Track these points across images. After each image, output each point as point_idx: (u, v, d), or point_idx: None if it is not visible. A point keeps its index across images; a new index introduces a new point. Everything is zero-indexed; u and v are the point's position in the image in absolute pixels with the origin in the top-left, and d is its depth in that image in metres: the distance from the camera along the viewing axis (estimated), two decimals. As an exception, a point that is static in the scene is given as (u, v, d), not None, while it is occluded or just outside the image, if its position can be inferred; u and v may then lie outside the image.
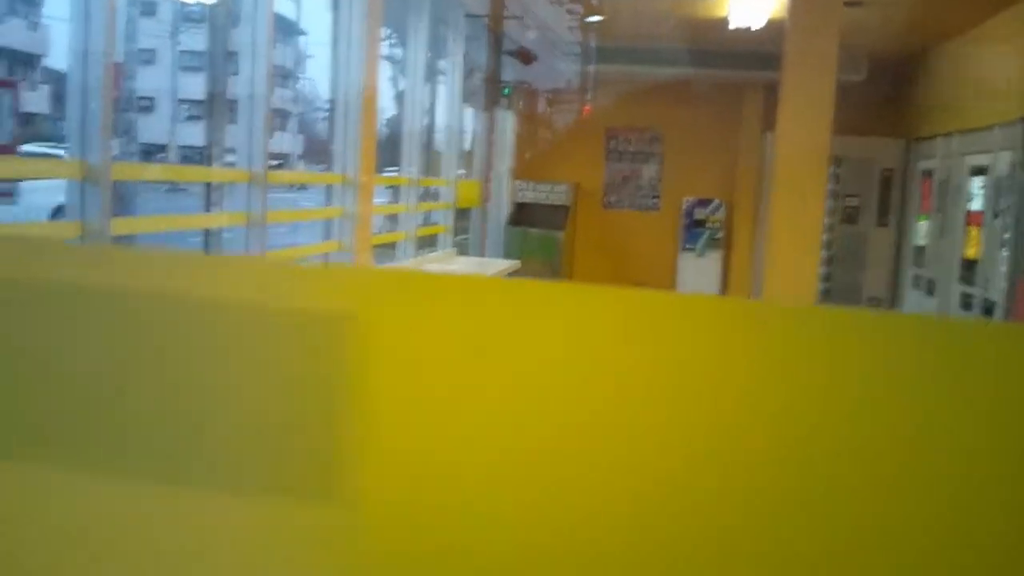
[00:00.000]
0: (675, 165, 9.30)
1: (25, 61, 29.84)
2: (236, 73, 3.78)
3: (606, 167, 9.48)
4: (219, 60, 3.95)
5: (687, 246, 9.03)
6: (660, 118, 9.29)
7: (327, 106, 5.39)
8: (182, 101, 24.56)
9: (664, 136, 9.33)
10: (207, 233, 3.66)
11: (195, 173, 5.13)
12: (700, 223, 8.99)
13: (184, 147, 20.32)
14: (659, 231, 9.26)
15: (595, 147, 9.47)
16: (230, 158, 3.85)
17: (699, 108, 9.15)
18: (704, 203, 9.00)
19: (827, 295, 8.08)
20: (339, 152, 4.85)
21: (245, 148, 3.82)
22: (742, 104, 8.84)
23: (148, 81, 22.23)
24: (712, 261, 8.96)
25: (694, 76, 8.38)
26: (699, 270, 8.98)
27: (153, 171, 5.80)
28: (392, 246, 6.01)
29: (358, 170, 4.80)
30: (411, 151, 6.10)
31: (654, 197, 9.40)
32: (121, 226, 2.95)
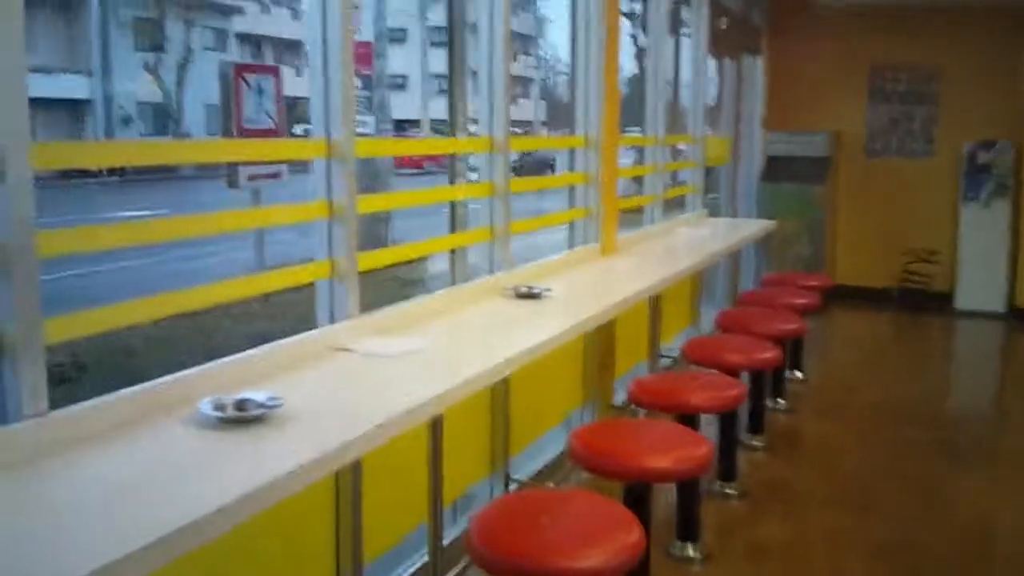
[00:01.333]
0: (952, 104, 8.28)
1: (290, 47, 32.22)
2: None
3: (870, 110, 8.63)
4: (458, 31, 3.83)
5: (969, 195, 8.03)
6: (934, 51, 8.29)
7: (567, 69, 5.17)
8: (435, 76, 25.48)
9: (939, 72, 8.33)
10: (452, 206, 3.57)
11: (436, 145, 5.10)
12: (984, 168, 7.96)
13: (436, 120, 21.04)
14: (934, 180, 8.31)
15: (858, 89, 8.63)
16: (473, 128, 3.74)
17: (980, 37, 8.07)
18: (988, 146, 7.95)
19: None
20: (581, 114, 4.63)
21: (486, 117, 3.70)
22: (1032, 29, 7.70)
23: (400, 59, 23.24)
24: (999, 211, 7.91)
25: (973, 3, 7.37)
26: (984, 223, 7.96)
27: (394, 146, 5.86)
28: (639, 210, 5.73)
29: (600, 131, 4.56)
30: (655, 108, 5.77)
31: (928, 141, 8.44)
32: (366, 204, 2.90)
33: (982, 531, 3.78)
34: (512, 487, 3.50)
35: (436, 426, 2.74)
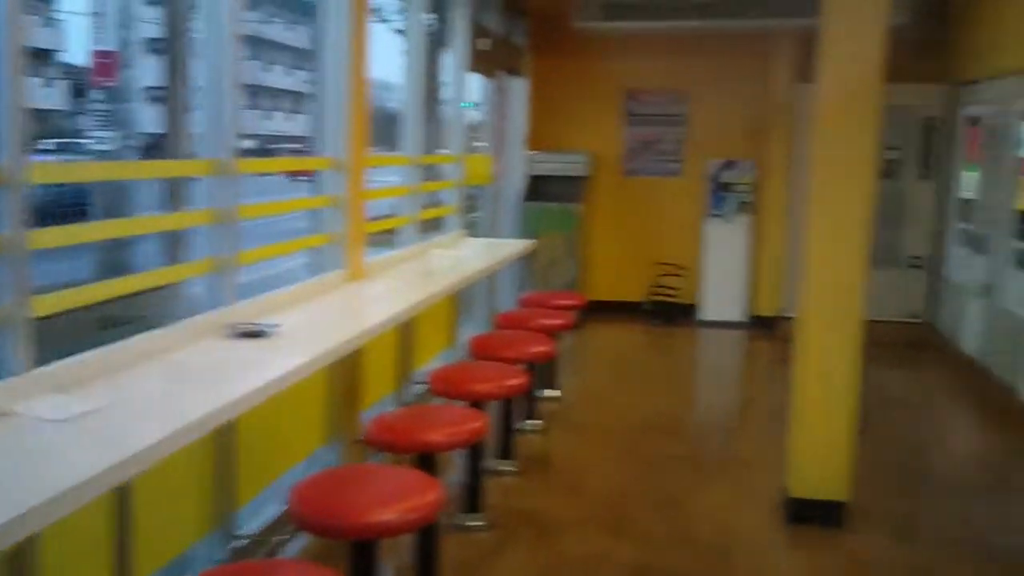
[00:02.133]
0: (700, 126, 8.75)
1: (40, 56, 29.64)
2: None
3: (626, 132, 8.97)
4: (179, 41, 3.50)
5: (714, 212, 8.50)
6: (684, 76, 8.74)
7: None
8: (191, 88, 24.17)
9: (688, 95, 8.78)
10: (170, 236, 3.24)
11: (145, 168, 4.69)
12: (727, 187, 8.45)
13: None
14: (684, 197, 8.74)
15: (614, 111, 8.95)
16: (247, 144, 3.39)
17: (725, 63, 8.59)
18: (731, 165, 8.46)
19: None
20: (329, 130, 4.40)
21: (211, 134, 3.38)
22: (770, 57, 8.27)
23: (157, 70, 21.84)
24: (741, 226, 8.43)
25: (720, 29, 7.80)
26: (727, 237, 8.46)
27: (84, 170, 5.18)
28: (393, 232, 5.57)
29: (346, 151, 4.35)
30: (413, 127, 5.64)
31: (678, 161, 8.87)
32: (42, 238, 2.52)
33: (724, 547, 3.90)
34: (239, 543, 3.21)
35: (123, 497, 2.42)
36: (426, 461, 3.20)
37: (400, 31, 7.24)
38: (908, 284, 7.99)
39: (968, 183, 7.27)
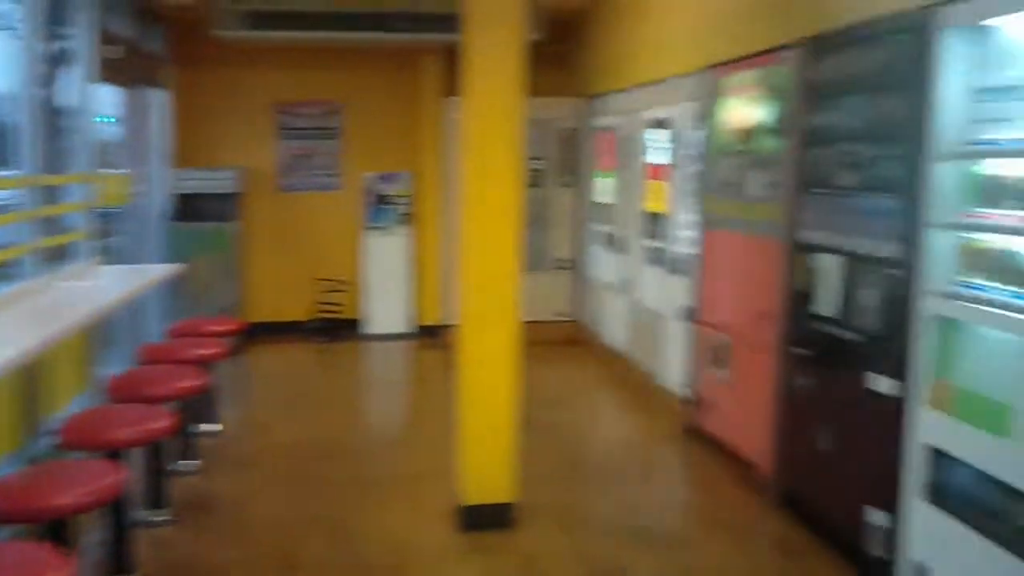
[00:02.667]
0: (355, 139, 8.69)
1: None
2: None
3: (280, 145, 8.67)
4: None
5: (374, 225, 8.48)
6: (335, 89, 8.63)
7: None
8: None
9: (341, 108, 8.67)
10: None
11: None
12: (385, 199, 8.46)
13: None
14: (343, 211, 8.63)
15: (266, 124, 8.62)
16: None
17: (377, 77, 8.60)
18: (388, 177, 8.48)
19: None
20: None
21: None
22: (420, 70, 8.39)
23: None
24: (401, 238, 8.48)
25: (370, 41, 7.77)
26: (388, 249, 8.47)
27: None
28: (8, 265, 4.87)
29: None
30: (31, 141, 4.96)
31: (334, 175, 8.74)
32: None
33: (399, 567, 3.82)
34: None
35: None
36: (57, 529, 2.77)
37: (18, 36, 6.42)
38: (557, 285, 8.49)
39: (603, 188, 7.87)
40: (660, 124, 6.42)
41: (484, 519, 4.14)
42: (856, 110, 3.83)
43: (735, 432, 5.04)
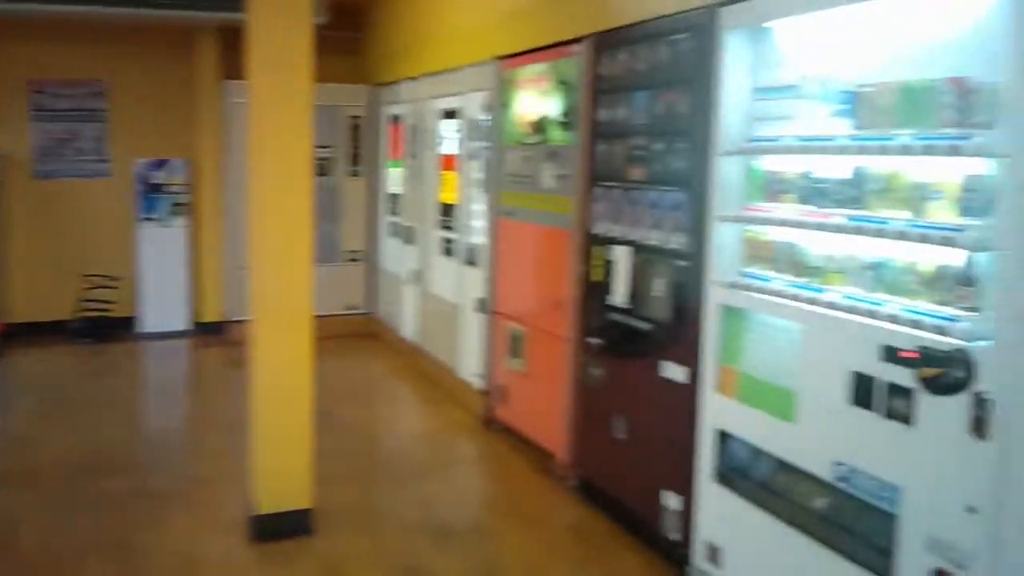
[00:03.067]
0: (124, 122, 8.06)
1: None
2: None
3: (35, 129, 7.89)
4: None
5: (146, 216, 7.90)
6: (100, 66, 7.95)
7: None
8: None
9: (108, 89, 8.00)
10: None
11: None
12: (159, 188, 7.91)
13: None
14: (112, 201, 8.00)
15: (19, 105, 7.81)
16: None
17: (147, 55, 7.99)
18: (160, 164, 7.92)
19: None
20: None
21: None
22: (196, 50, 7.88)
23: None
24: (178, 230, 7.96)
25: (136, 17, 7.18)
26: (163, 242, 7.92)
27: None
28: None
29: None
30: None
31: (102, 161, 8.07)
32: None
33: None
34: None
35: None
36: None
37: None
38: (349, 277, 8.29)
39: (395, 179, 7.74)
40: (451, 114, 6.38)
41: (281, 527, 3.94)
42: (644, 105, 3.94)
43: (533, 422, 5.10)
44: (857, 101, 2.80)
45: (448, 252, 6.46)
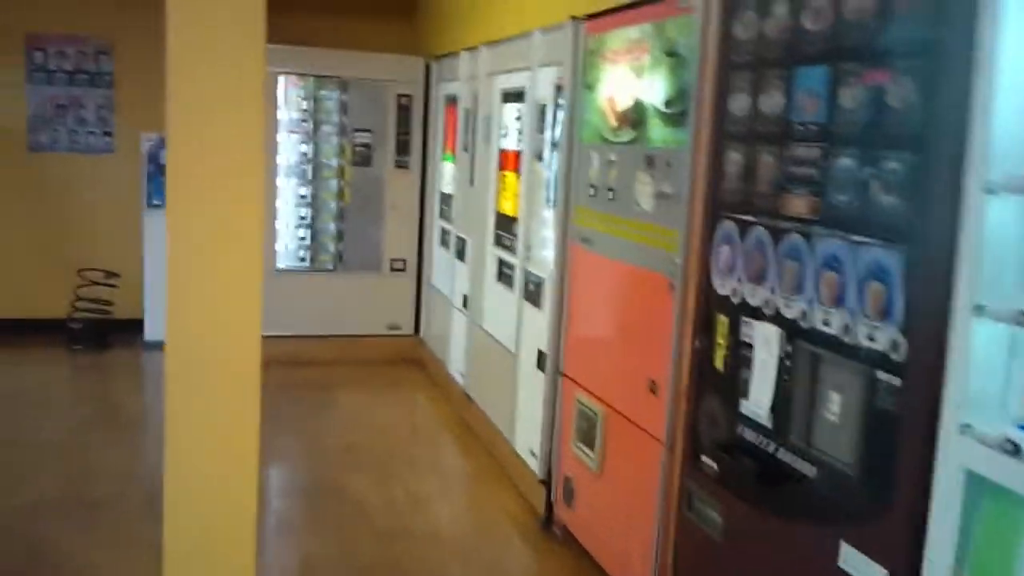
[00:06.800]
0: (133, 89, 6.78)
1: None
2: None
3: (31, 92, 6.67)
4: None
5: (156, 202, 6.57)
6: (104, 19, 6.67)
7: None
8: None
9: (112, 47, 6.73)
10: None
11: None
12: (172, 170, 6.56)
13: None
14: (117, 182, 6.78)
15: (12, 64, 6.62)
16: None
17: (162, 11, 6.62)
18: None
19: (337, 262, 6.16)
20: None
21: None
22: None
23: None
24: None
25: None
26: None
27: None
28: None
29: None
30: None
31: (106, 134, 6.81)
32: None
33: None
34: None
35: None
36: None
37: None
38: (392, 291, 6.72)
39: (449, 175, 6.24)
40: (516, 96, 4.82)
41: None
42: (820, 91, 2.30)
43: (607, 544, 3.55)
44: None
45: (505, 280, 4.92)
